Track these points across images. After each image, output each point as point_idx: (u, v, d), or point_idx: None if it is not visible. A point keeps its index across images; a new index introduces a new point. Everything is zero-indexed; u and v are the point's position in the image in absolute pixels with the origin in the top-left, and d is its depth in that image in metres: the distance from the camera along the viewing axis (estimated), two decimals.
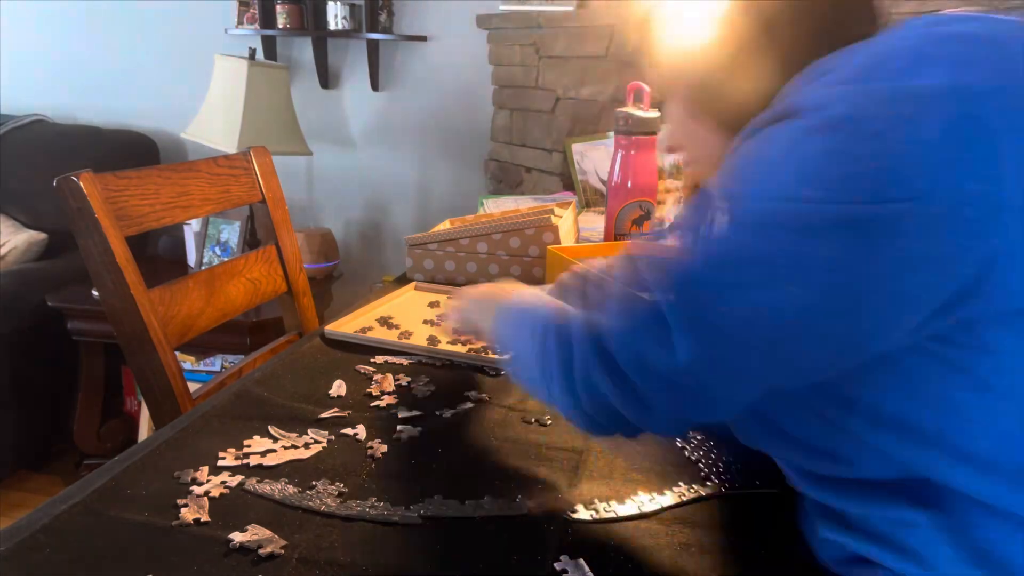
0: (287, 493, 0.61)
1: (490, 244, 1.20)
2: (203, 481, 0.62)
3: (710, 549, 0.57)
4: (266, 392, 0.80)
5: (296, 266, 1.31)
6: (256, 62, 2.30)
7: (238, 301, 1.19)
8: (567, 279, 0.72)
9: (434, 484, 0.64)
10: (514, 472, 0.66)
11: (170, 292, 1.06)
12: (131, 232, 1.00)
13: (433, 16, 2.59)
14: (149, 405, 1.02)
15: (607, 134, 1.82)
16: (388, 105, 2.73)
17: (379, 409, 0.78)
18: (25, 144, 2.58)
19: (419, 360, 0.91)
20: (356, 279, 2.80)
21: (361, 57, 2.67)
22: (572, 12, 2.05)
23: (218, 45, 2.68)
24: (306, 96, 2.72)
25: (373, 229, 2.87)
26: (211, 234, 2.44)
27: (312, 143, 2.54)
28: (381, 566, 0.53)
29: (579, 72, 2.06)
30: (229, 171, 1.21)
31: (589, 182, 1.85)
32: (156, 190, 1.07)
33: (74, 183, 0.93)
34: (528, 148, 2.29)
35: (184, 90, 2.74)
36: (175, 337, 1.05)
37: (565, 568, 0.54)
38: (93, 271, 0.96)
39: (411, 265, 1.25)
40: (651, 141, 1.24)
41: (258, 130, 2.28)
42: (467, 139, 2.67)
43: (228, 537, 0.55)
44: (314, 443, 0.70)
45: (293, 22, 2.57)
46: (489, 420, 0.76)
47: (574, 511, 0.61)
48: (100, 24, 2.82)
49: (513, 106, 2.34)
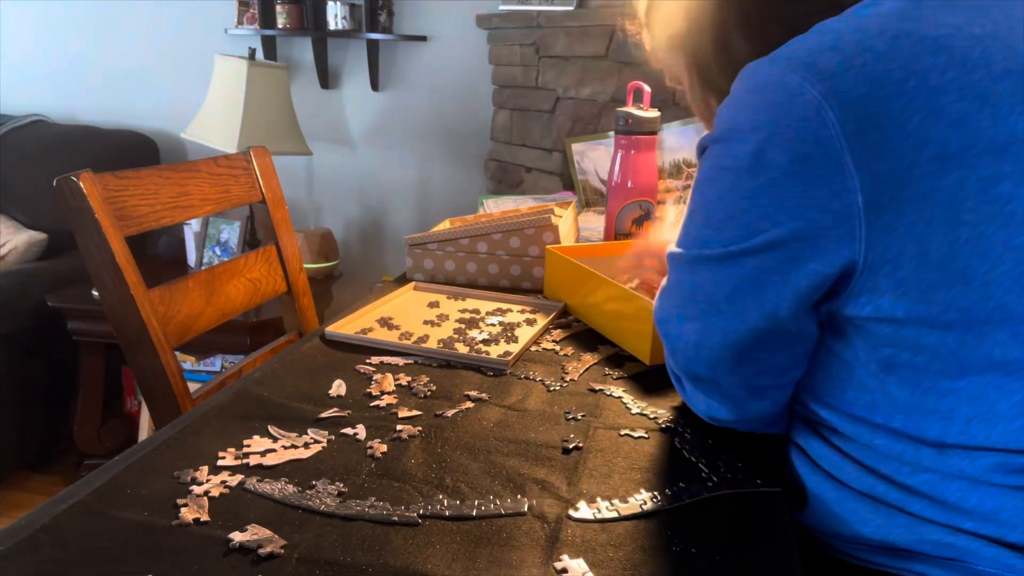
0: (287, 493, 0.61)
1: (490, 244, 1.20)
2: (203, 481, 0.62)
3: (711, 549, 0.57)
4: (266, 392, 0.80)
5: (296, 266, 1.31)
6: (256, 62, 2.30)
7: (238, 301, 1.19)
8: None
9: (434, 484, 0.64)
10: (514, 472, 0.66)
11: (170, 292, 1.06)
12: (131, 232, 1.00)
13: (433, 16, 2.59)
14: (149, 405, 1.02)
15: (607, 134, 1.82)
16: (388, 105, 2.73)
17: (379, 409, 0.78)
18: (25, 144, 2.58)
19: (419, 360, 0.91)
20: (356, 279, 2.80)
21: (361, 57, 2.67)
22: (572, 12, 2.05)
23: (218, 45, 2.68)
24: (306, 96, 2.72)
25: (373, 229, 2.87)
26: (211, 234, 2.44)
27: (312, 143, 2.54)
28: (381, 566, 0.53)
29: (579, 72, 2.06)
30: (229, 171, 1.21)
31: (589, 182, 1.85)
32: (156, 190, 1.07)
33: (74, 183, 0.93)
34: (528, 148, 2.29)
35: (184, 90, 2.74)
36: (175, 337, 1.05)
37: (565, 568, 0.54)
38: (93, 271, 0.96)
39: (411, 265, 1.25)
40: (651, 141, 1.24)
41: (258, 130, 2.28)
42: (467, 139, 2.67)
43: (228, 537, 0.55)
44: (314, 443, 0.70)
45: (293, 22, 2.57)
46: (489, 420, 0.76)
47: (574, 510, 0.61)
48: (100, 24, 2.82)
49: (513, 106, 2.34)
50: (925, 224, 0.54)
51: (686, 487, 0.65)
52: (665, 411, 0.79)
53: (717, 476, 0.67)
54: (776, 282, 0.60)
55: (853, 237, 0.56)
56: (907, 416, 0.60)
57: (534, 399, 0.81)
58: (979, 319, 0.55)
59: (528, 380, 0.86)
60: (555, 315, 1.07)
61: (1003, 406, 0.57)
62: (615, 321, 0.98)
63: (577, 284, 1.07)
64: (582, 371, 0.89)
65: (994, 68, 0.54)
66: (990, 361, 0.56)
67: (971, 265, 0.54)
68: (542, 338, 1.00)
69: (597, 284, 1.01)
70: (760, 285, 0.61)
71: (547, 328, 1.04)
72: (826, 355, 0.66)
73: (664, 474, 0.67)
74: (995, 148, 0.53)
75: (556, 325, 1.05)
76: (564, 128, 2.12)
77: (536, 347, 0.97)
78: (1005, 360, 0.56)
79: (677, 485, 0.65)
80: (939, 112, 0.53)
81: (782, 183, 0.57)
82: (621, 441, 0.73)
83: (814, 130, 0.55)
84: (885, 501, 0.62)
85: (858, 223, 0.55)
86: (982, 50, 0.55)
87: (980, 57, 0.55)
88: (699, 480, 0.66)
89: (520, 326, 1.03)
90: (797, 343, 0.65)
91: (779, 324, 0.62)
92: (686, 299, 0.67)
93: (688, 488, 0.65)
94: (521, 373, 0.88)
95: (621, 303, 0.95)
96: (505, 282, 1.21)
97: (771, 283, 0.61)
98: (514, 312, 1.09)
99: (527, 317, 1.06)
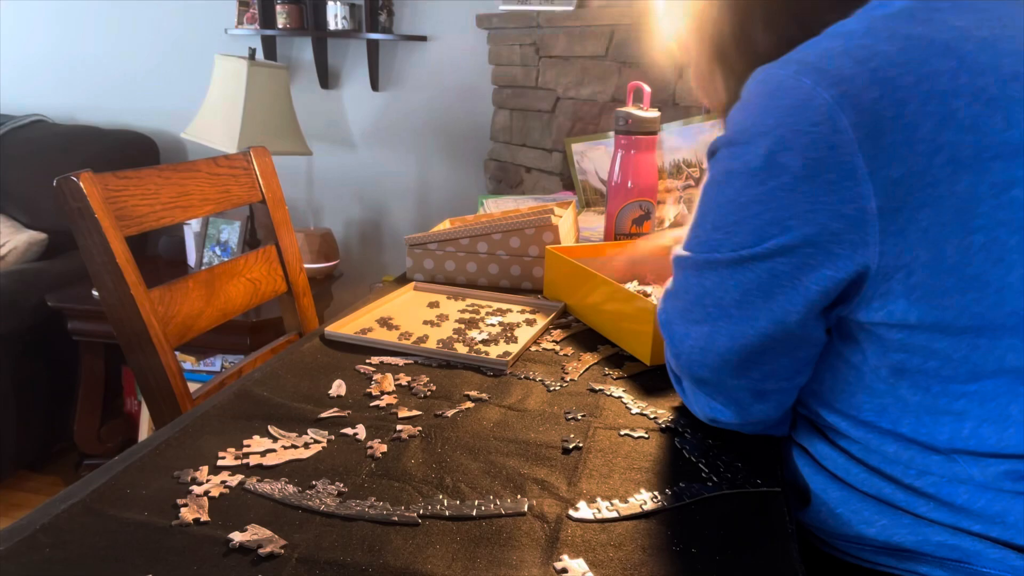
0: (287, 493, 0.61)
1: (490, 244, 1.20)
2: (203, 481, 0.62)
3: (711, 549, 0.57)
4: (266, 392, 0.80)
5: (296, 266, 1.31)
6: (256, 62, 2.30)
7: (238, 301, 1.19)
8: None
9: (434, 484, 0.64)
10: (514, 472, 0.66)
11: (170, 292, 1.06)
12: (131, 232, 1.00)
13: (433, 16, 2.59)
14: (149, 405, 1.02)
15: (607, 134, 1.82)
16: (388, 105, 2.73)
17: (379, 409, 0.78)
18: (25, 144, 2.58)
19: (419, 360, 0.91)
20: (356, 279, 2.80)
21: (361, 57, 2.67)
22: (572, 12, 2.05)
23: (218, 45, 2.68)
24: (306, 96, 2.72)
25: (373, 229, 2.87)
26: (211, 234, 2.44)
27: (312, 143, 2.54)
28: (381, 566, 0.53)
29: (579, 72, 2.06)
30: (229, 171, 1.21)
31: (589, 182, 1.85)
32: (156, 190, 1.07)
33: (74, 183, 0.93)
34: (528, 148, 2.29)
35: (184, 90, 2.75)
36: (175, 337, 1.05)
37: (565, 568, 0.54)
38: (93, 271, 0.96)
39: (411, 265, 1.25)
40: (651, 141, 1.24)
41: (258, 130, 2.28)
42: (467, 139, 2.67)
43: (228, 537, 0.55)
44: (314, 443, 0.70)
45: (293, 22, 2.57)
46: (489, 420, 0.76)
47: (574, 510, 0.61)
48: (100, 24, 2.82)
49: (513, 106, 2.34)
50: (939, 229, 0.54)
51: (686, 487, 0.65)
52: (665, 411, 0.79)
53: (717, 476, 0.67)
54: (787, 287, 0.60)
55: (866, 242, 0.56)
56: (917, 419, 0.60)
57: (534, 399, 0.81)
58: (993, 324, 0.55)
59: (528, 380, 0.86)
60: (554, 315, 1.07)
61: (1015, 409, 0.56)
62: (615, 321, 0.98)
63: (577, 284, 1.07)
64: (582, 371, 0.89)
65: (1003, 71, 0.54)
66: (1002, 366, 0.56)
67: (985, 270, 0.54)
68: (542, 338, 1.00)
69: (597, 284, 1.01)
70: (770, 290, 0.61)
71: (547, 328, 1.04)
72: (834, 360, 0.65)
73: (664, 474, 0.67)
74: (1007, 152, 0.53)
75: (556, 325, 1.05)
76: (564, 128, 2.12)
77: (536, 347, 0.97)
78: (1017, 366, 0.56)
79: (677, 485, 0.65)
80: (951, 116, 0.53)
81: (794, 188, 0.57)
82: (621, 441, 0.73)
83: (826, 135, 0.54)
84: (891, 503, 0.62)
85: (871, 228, 0.55)
86: (991, 53, 0.55)
87: (989, 60, 0.54)
88: (699, 480, 0.66)
89: (520, 326, 1.03)
90: (804, 348, 0.65)
91: (788, 329, 0.62)
92: (693, 302, 0.67)
93: (688, 488, 0.65)
94: (521, 373, 0.88)
95: (621, 303, 0.95)
96: (505, 282, 1.21)
97: (782, 288, 0.60)
98: (514, 312, 1.09)
99: (527, 317, 1.06)
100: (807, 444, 0.70)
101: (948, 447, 0.59)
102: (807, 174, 0.56)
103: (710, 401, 0.71)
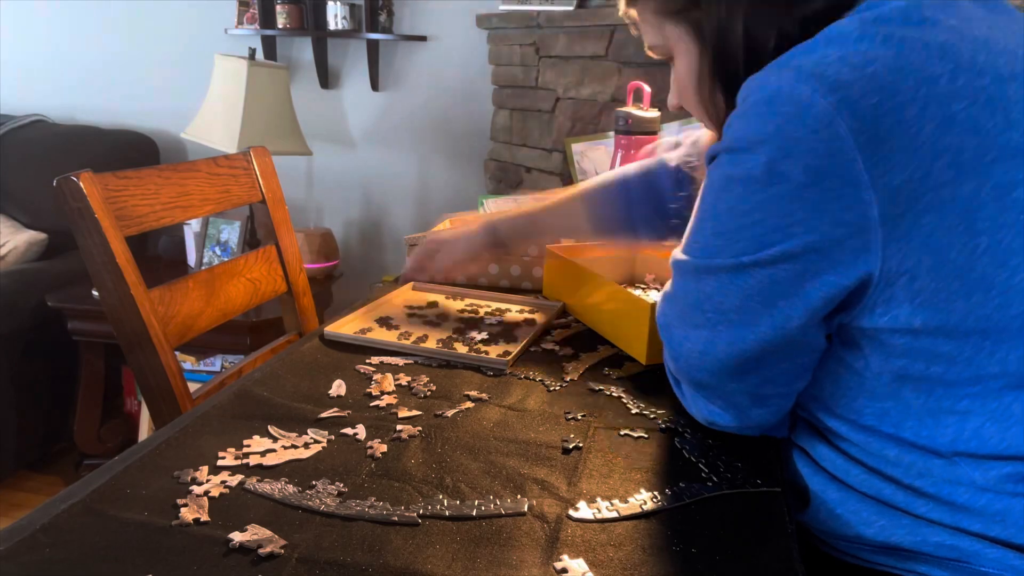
0: (287, 493, 0.61)
1: None
2: (203, 481, 0.62)
3: (711, 549, 0.57)
4: (266, 392, 0.80)
5: (296, 266, 1.31)
6: (256, 62, 2.30)
7: (238, 301, 1.19)
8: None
9: (434, 484, 0.64)
10: (514, 472, 0.66)
11: (170, 292, 1.06)
12: (131, 232, 1.00)
13: (433, 16, 2.59)
14: (149, 405, 1.02)
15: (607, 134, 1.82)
16: (388, 105, 2.73)
17: (379, 409, 0.78)
18: (25, 144, 2.58)
19: (418, 360, 0.91)
20: (356, 279, 2.80)
21: (361, 57, 2.67)
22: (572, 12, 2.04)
23: (218, 45, 2.68)
24: (306, 96, 2.72)
25: (373, 229, 2.87)
26: (211, 234, 2.44)
27: (312, 143, 2.54)
28: (381, 566, 0.53)
29: (579, 72, 2.06)
30: (229, 171, 1.21)
31: None
32: (156, 190, 1.07)
33: (74, 183, 0.93)
34: (528, 148, 2.29)
35: (184, 90, 2.75)
36: (175, 337, 1.05)
37: (565, 568, 0.54)
38: (93, 271, 0.96)
39: None
40: (651, 141, 1.24)
41: (258, 130, 2.28)
42: (467, 139, 2.67)
43: (228, 537, 0.55)
44: (314, 443, 0.70)
45: (293, 22, 2.57)
46: (489, 420, 0.76)
47: (574, 510, 0.61)
48: (100, 24, 2.82)
49: (513, 106, 2.34)
50: (943, 234, 0.54)
51: (686, 487, 0.65)
52: (665, 411, 0.79)
53: (717, 476, 0.67)
54: (788, 294, 0.60)
55: (869, 249, 0.55)
56: (919, 422, 0.60)
57: (534, 399, 0.81)
58: (998, 327, 0.55)
59: (528, 380, 0.86)
60: (553, 315, 1.07)
61: (1017, 409, 0.56)
62: (614, 321, 0.98)
63: (576, 284, 1.07)
64: (582, 371, 0.89)
65: (1000, 72, 0.54)
66: (1006, 368, 0.56)
67: (990, 273, 0.54)
68: (542, 338, 1.00)
69: (596, 284, 1.01)
70: (771, 296, 0.60)
71: (547, 328, 1.04)
72: (835, 365, 0.65)
73: (664, 474, 0.67)
74: (1009, 154, 0.53)
75: (556, 325, 1.05)
76: (564, 128, 2.12)
77: (536, 347, 0.97)
78: (1021, 367, 0.56)
79: (677, 485, 0.65)
80: (951, 119, 0.53)
81: (795, 195, 0.56)
82: (621, 441, 0.73)
83: (826, 142, 0.54)
84: (890, 503, 0.62)
85: (874, 235, 0.55)
86: (986, 54, 0.55)
87: (985, 61, 0.54)
88: (699, 480, 0.66)
89: (520, 326, 1.03)
90: (804, 354, 0.65)
91: (788, 335, 0.62)
92: (692, 306, 0.66)
93: (688, 488, 0.65)
94: (521, 373, 0.88)
95: (620, 303, 0.95)
96: (505, 282, 1.21)
97: (783, 295, 0.60)
98: (513, 312, 1.09)
99: (527, 317, 1.06)
100: (807, 446, 0.70)
101: (950, 450, 0.59)
102: (808, 181, 0.55)
103: (709, 405, 0.71)
